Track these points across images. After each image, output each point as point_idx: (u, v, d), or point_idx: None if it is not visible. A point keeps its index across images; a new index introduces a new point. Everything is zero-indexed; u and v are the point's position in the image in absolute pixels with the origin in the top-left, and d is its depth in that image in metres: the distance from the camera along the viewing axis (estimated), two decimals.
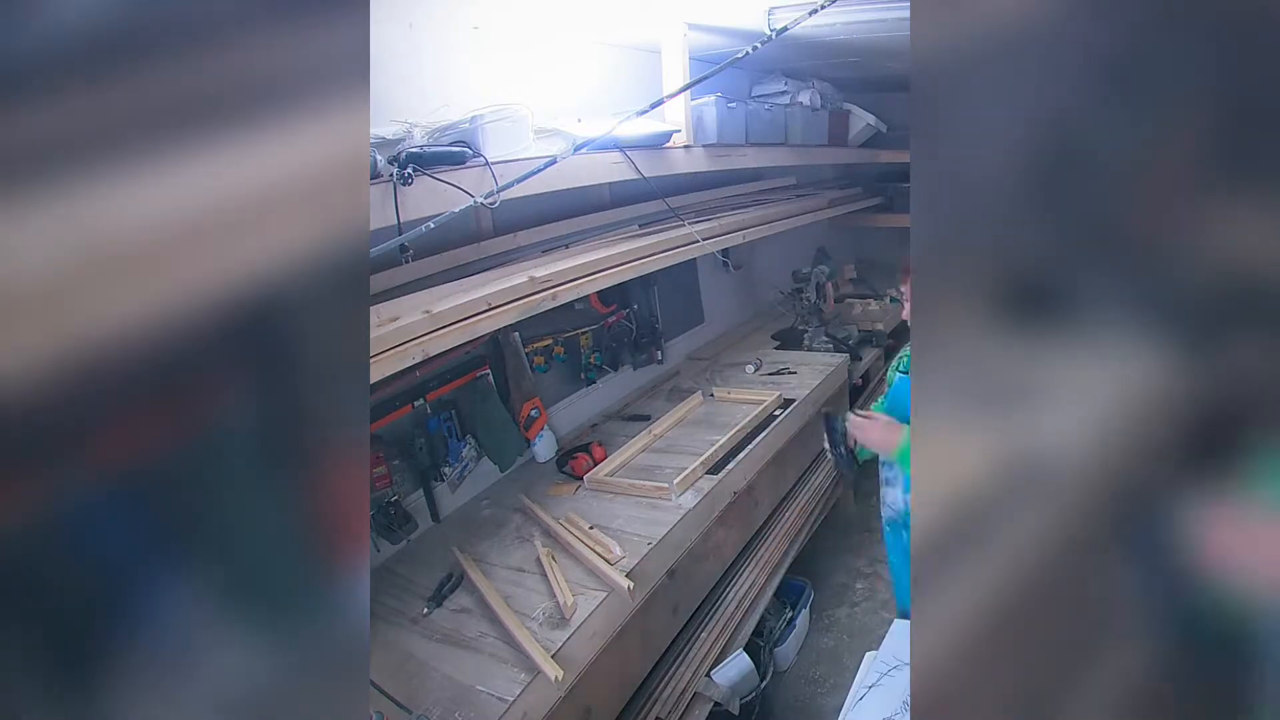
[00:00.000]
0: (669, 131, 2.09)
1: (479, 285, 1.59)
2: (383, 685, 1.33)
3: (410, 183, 1.31)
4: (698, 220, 2.39)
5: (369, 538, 1.70)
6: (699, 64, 2.35)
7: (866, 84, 3.81)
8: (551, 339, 2.39)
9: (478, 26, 1.92)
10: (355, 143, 0.59)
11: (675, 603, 1.89)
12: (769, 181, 3.49)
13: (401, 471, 1.90)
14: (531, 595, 1.62)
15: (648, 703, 1.75)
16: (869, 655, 1.56)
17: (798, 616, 2.40)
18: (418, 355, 1.34)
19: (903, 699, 1.38)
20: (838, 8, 1.62)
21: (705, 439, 2.30)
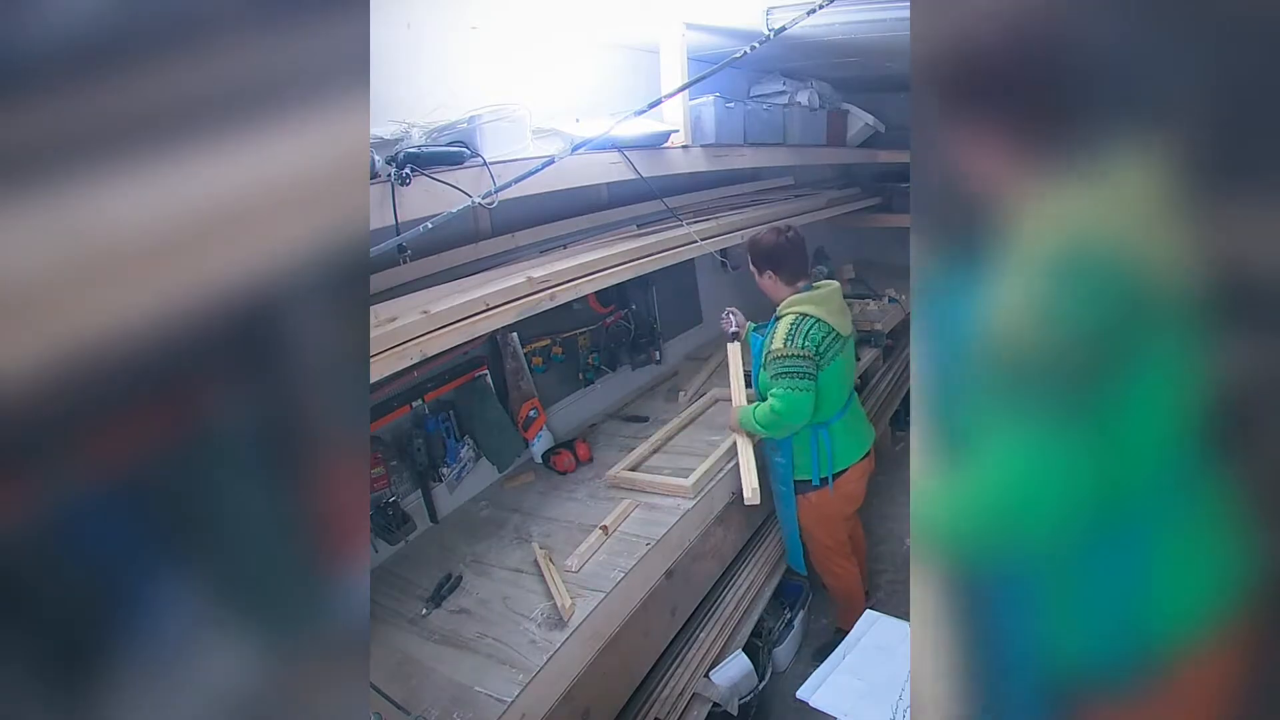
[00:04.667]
0: (667, 131, 2.09)
1: (477, 285, 1.59)
2: (381, 686, 1.33)
3: (408, 183, 1.31)
4: (696, 220, 2.39)
5: (369, 538, 1.70)
6: (697, 64, 2.35)
7: (865, 84, 3.82)
8: (550, 339, 2.39)
9: (476, 26, 1.92)
10: (355, 143, 0.59)
11: (674, 603, 1.89)
12: (767, 181, 3.49)
13: (399, 472, 1.90)
14: (529, 596, 1.62)
15: (646, 703, 1.75)
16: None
17: (796, 617, 2.40)
18: (416, 356, 1.34)
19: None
20: (836, 8, 1.62)
21: (705, 439, 2.30)
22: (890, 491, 2.97)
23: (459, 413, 2.05)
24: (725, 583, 2.16)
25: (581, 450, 2.25)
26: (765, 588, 2.26)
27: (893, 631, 1.56)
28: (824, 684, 1.43)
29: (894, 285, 3.66)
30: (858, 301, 3.62)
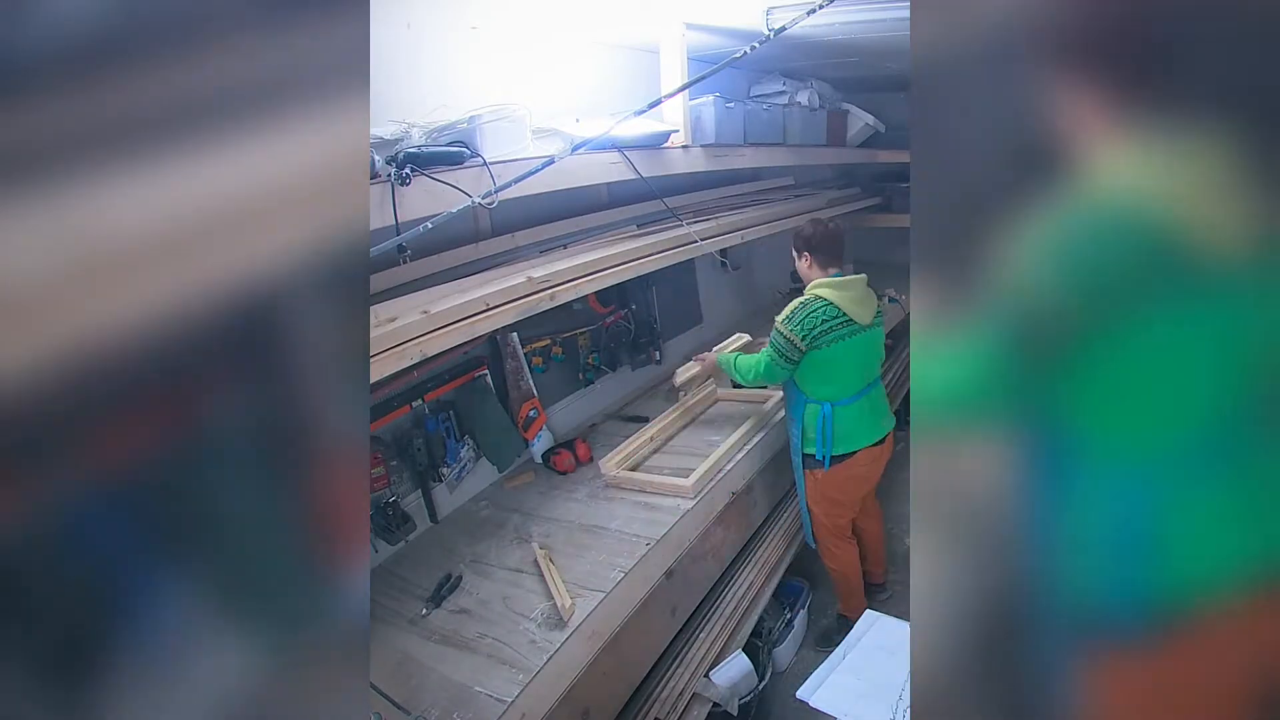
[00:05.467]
0: (667, 131, 2.09)
1: (477, 285, 1.59)
2: (381, 686, 1.33)
3: (408, 183, 1.31)
4: (696, 220, 2.39)
5: (369, 538, 1.70)
6: (697, 64, 2.36)
7: (865, 84, 3.82)
8: (550, 339, 2.39)
9: (476, 26, 1.92)
10: (355, 143, 0.59)
11: (674, 603, 1.89)
12: (767, 181, 3.49)
13: (399, 472, 1.90)
14: (529, 596, 1.62)
15: (646, 703, 1.75)
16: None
17: (796, 617, 2.40)
18: (416, 356, 1.34)
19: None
20: (836, 8, 1.62)
21: (705, 439, 2.30)
22: (891, 491, 2.96)
23: (459, 413, 2.05)
24: (725, 583, 2.16)
25: (581, 450, 2.25)
26: (765, 588, 2.26)
27: (893, 631, 1.56)
28: (824, 684, 1.43)
29: (894, 285, 3.66)
30: None
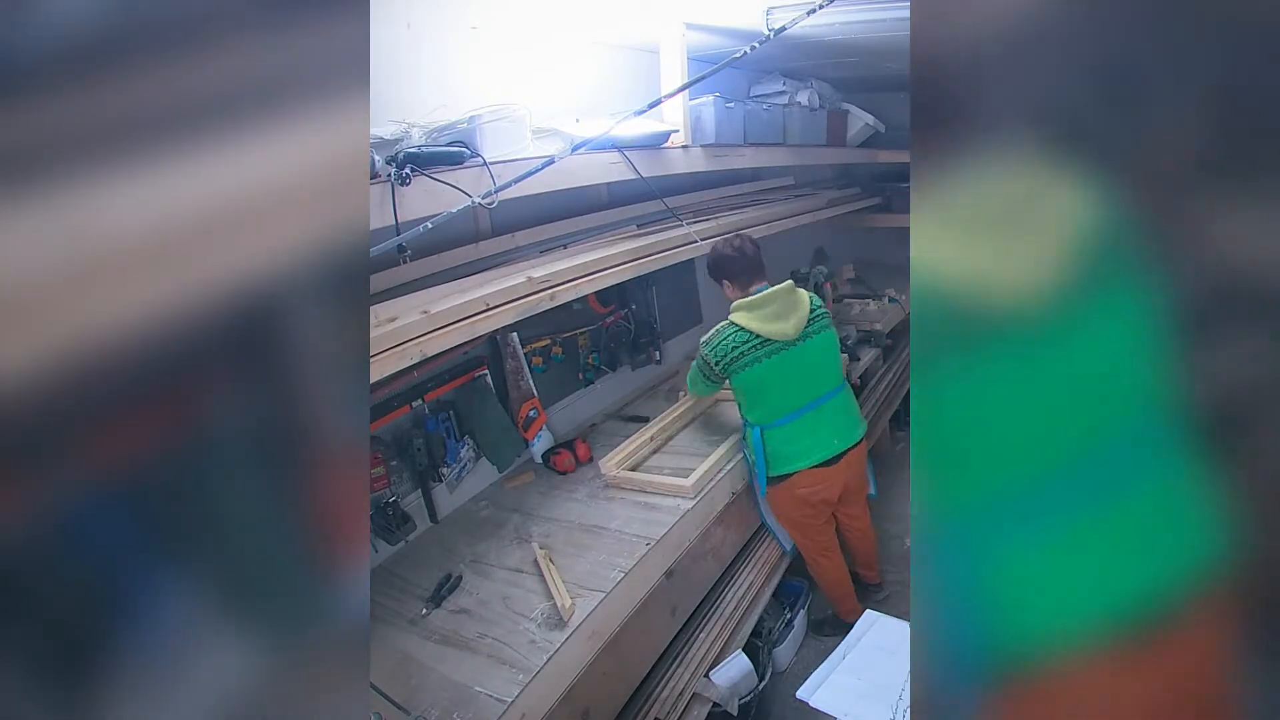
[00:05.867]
0: (667, 131, 2.09)
1: (477, 285, 1.59)
2: (381, 686, 1.33)
3: (408, 183, 1.31)
4: (696, 220, 2.39)
5: (369, 538, 1.70)
6: (697, 64, 2.35)
7: (865, 84, 3.82)
8: (550, 339, 2.39)
9: (476, 27, 1.92)
10: (355, 143, 0.59)
11: (674, 603, 1.89)
12: (767, 181, 3.49)
13: (399, 472, 1.90)
14: (529, 596, 1.62)
15: (646, 703, 1.75)
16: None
17: (796, 617, 2.40)
18: (416, 356, 1.34)
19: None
20: (836, 8, 1.62)
21: (706, 439, 2.30)
22: (891, 491, 2.96)
23: (459, 413, 2.05)
24: (725, 583, 2.16)
25: (581, 450, 2.25)
26: (765, 588, 2.26)
27: (893, 631, 1.56)
28: (824, 684, 1.44)
29: (894, 285, 3.66)
30: (857, 301, 3.62)
